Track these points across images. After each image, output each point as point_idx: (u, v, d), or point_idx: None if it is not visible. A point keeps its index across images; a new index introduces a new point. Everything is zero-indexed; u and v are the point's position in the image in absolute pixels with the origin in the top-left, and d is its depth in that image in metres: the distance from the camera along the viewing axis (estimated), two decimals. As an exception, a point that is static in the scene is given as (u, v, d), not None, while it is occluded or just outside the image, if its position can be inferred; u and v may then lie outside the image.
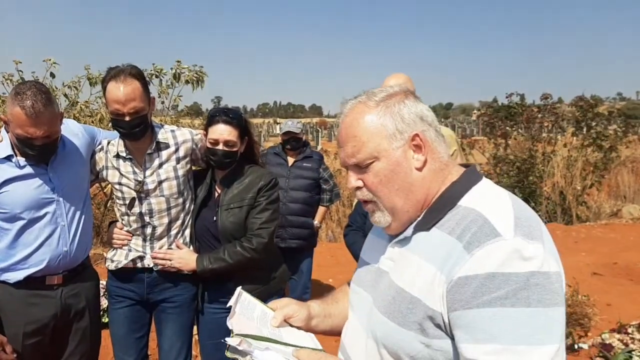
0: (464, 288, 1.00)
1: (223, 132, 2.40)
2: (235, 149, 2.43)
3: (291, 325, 1.35)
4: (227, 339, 1.16)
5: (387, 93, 1.21)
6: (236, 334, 1.17)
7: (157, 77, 6.15)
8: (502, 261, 0.98)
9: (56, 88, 6.19)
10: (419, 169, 1.18)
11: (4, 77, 5.86)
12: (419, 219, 1.20)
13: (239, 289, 1.40)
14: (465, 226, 1.07)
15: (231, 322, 1.24)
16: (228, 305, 1.31)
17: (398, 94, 1.21)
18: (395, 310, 1.13)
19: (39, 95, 2.02)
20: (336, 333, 1.44)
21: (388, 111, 1.18)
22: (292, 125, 4.31)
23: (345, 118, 1.23)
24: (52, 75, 5.96)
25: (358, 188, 1.23)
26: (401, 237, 1.22)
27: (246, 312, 1.31)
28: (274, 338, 1.20)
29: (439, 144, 1.20)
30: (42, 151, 2.13)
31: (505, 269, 0.97)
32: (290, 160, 4.30)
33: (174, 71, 6.08)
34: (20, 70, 5.88)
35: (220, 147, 2.40)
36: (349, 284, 1.46)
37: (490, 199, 1.13)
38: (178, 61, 6.07)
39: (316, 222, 4.59)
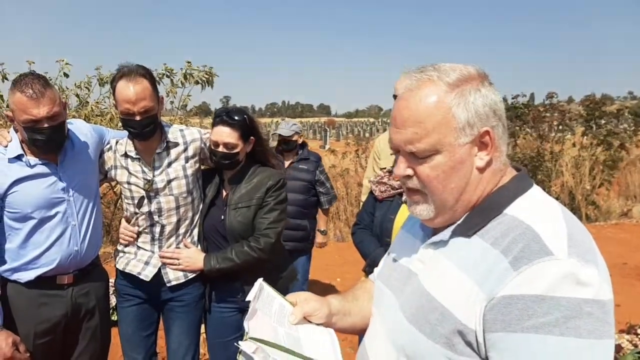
0: (508, 308, 0.91)
1: (222, 134, 2.40)
2: (235, 151, 2.42)
3: (310, 322, 1.27)
4: (240, 342, 1.06)
5: (462, 74, 1.05)
6: (250, 337, 1.07)
7: (167, 77, 6.17)
8: (553, 283, 0.88)
9: (67, 88, 6.24)
10: (481, 169, 1.06)
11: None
12: (459, 222, 1.09)
13: (259, 280, 1.31)
14: (512, 239, 0.96)
15: (248, 324, 1.13)
16: (247, 299, 1.23)
17: (475, 78, 1.06)
18: (423, 319, 1.05)
19: (37, 79, 2.08)
20: (356, 331, 1.37)
21: (462, 100, 1.03)
22: (283, 127, 4.27)
23: (410, 96, 1.06)
24: (66, 75, 6.02)
25: (407, 177, 1.10)
26: (437, 239, 1.12)
27: (264, 306, 1.24)
28: (292, 349, 1.10)
29: (503, 143, 1.08)
30: (50, 137, 2.13)
31: (557, 292, 0.88)
32: (286, 162, 4.25)
33: (184, 71, 6.10)
34: (33, 71, 5.93)
35: (220, 148, 2.41)
36: (367, 277, 1.36)
37: (540, 211, 1.02)
38: (188, 62, 6.09)
39: (322, 228, 4.56)
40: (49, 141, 2.14)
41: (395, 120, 1.09)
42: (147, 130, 2.32)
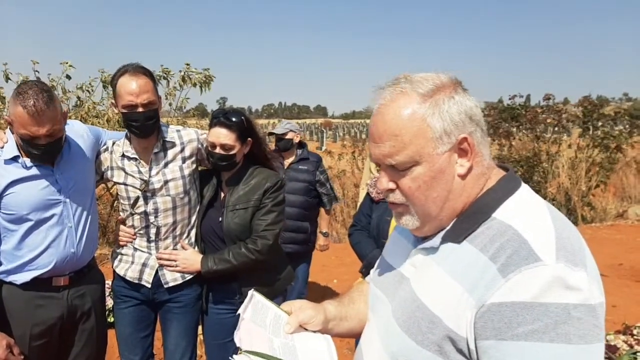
0: (497, 316, 0.91)
1: (219, 135, 2.40)
2: (232, 153, 2.42)
3: (306, 329, 1.26)
4: (234, 356, 1.06)
5: (434, 84, 1.05)
6: (245, 351, 1.07)
7: (165, 78, 6.15)
8: (542, 289, 0.88)
9: (69, 90, 6.22)
10: (462, 176, 1.06)
11: (20, 78, 5.86)
12: (448, 227, 1.09)
13: (251, 291, 1.31)
14: (499, 245, 0.97)
15: (239, 336, 1.13)
16: (238, 312, 1.23)
17: (447, 87, 1.06)
18: (414, 327, 1.05)
19: (41, 94, 2.02)
20: (354, 335, 1.36)
21: (437, 110, 1.03)
22: (278, 127, 4.23)
23: (385, 110, 1.07)
24: (68, 77, 6.01)
25: (390, 190, 1.11)
26: (427, 245, 1.12)
27: (258, 317, 1.23)
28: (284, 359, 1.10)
29: (484, 147, 1.08)
30: (46, 151, 2.13)
31: (545, 298, 0.88)
32: (287, 162, 4.19)
33: (182, 73, 6.08)
34: (37, 71, 5.91)
35: (217, 150, 2.41)
36: (363, 278, 1.35)
37: (528, 214, 1.02)
38: (187, 64, 6.07)
39: (324, 230, 4.52)
40: (44, 154, 2.15)
41: (372, 135, 1.10)
42: (149, 124, 2.33)
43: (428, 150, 1.03)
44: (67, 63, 5.96)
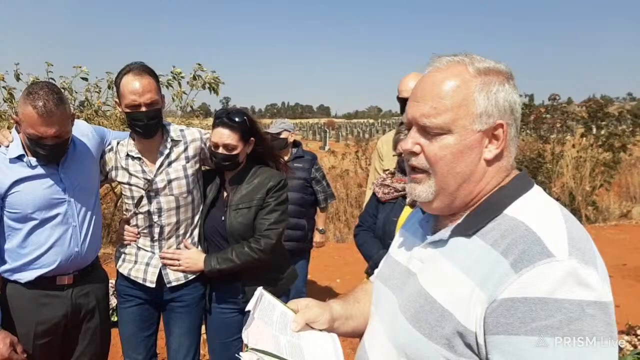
0: (510, 311, 0.91)
1: (222, 135, 2.41)
2: (234, 153, 2.43)
3: (312, 328, 1.26)
4: (241, 354, 1.06)
5: (491, 66, 1.08)
6: (251, 349, 1.07)
7: (175, 79, 6.13)
8: (555, 285, 0.88)
9: (76, 92, 6.23)
10: (488, 162, 1.07)
11: (31, 79, 5.86)
12: (458, 221, 1.10)
13: (259, 289, 1.31)
14: (511, 241, 0.97)
15: (247, 333, 1.12)
16: (247, 309, 1.23)
17: (502, 73, 1.09)
18: (423, 320, 1.05)
19: (51, 95, 2.04)
20: (359, 335, 1.35)
21: (486, 87, 1.05)
22: (272, 126, 4.27)
23: (437, 73, 1.09)
24: (85, 79, 6.04)
25: (412, 153, 1.11)
26: (436, 238, 1.13)
27: (265, 315, 1.22)
28: (292, 359, 1.09)
29: (513, 144, 1.10)
30: (52, 151, 2.15)
31: (559, 294, 0.88)
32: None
33: (192, 74, 6.07)
34: (51, 71, 5.92)
35: (220, 150, 2.42)
36: (368, 278, 1.35)
37: (540, 212, 1.02)
38: (199, 64, 6.06)
39: (320, 227, 4.53)
40: (50, 155, 2.17)
41: (415, 94, 1.11)
42: (152, 123, 2.34)
43: (464, 122, 1.05)
44: (79, 67, 5.99)
